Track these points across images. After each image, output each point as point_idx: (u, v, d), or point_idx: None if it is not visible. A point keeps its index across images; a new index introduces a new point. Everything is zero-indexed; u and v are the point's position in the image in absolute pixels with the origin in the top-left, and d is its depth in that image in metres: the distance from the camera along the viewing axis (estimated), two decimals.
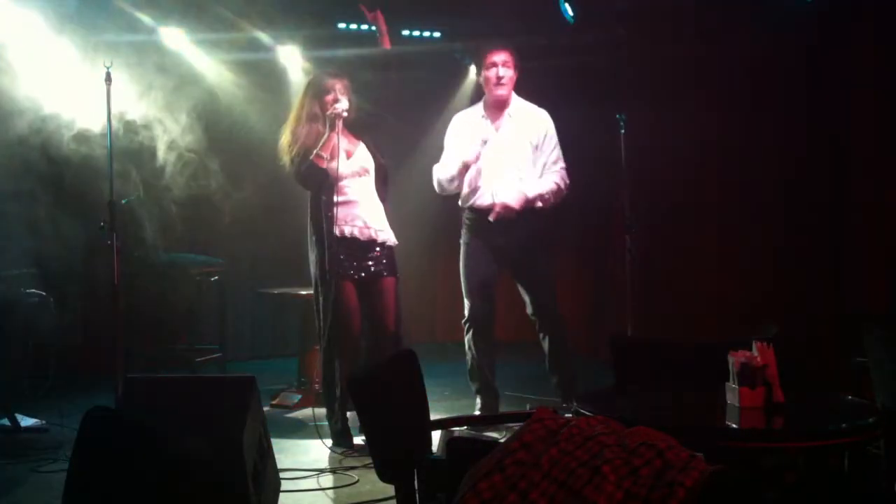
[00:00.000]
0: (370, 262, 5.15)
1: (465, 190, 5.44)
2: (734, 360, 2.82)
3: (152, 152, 6.83)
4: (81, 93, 6.02)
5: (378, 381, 2.95)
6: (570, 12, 7.03)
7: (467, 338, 5.47)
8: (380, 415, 2.85)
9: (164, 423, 3.44)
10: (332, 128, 5.01)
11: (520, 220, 5.34)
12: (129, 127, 6.68)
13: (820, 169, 6.54)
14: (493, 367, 5.48)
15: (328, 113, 5.03)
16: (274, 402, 6.02)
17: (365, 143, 5.25)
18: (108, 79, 5.14)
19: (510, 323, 6.58)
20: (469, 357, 5.47)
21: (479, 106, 5.56)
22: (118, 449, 3.08)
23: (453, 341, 7.10)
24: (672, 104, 6.86)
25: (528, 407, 5.19)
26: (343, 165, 5.09)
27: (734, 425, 2.75)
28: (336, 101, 5.06)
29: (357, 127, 5.24)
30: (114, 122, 5.36)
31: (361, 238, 5.12)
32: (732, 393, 2.83)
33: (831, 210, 6.49)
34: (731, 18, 6.69)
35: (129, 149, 6.56)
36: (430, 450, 3.14)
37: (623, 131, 5.91)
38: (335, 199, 5.07)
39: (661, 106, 6.81)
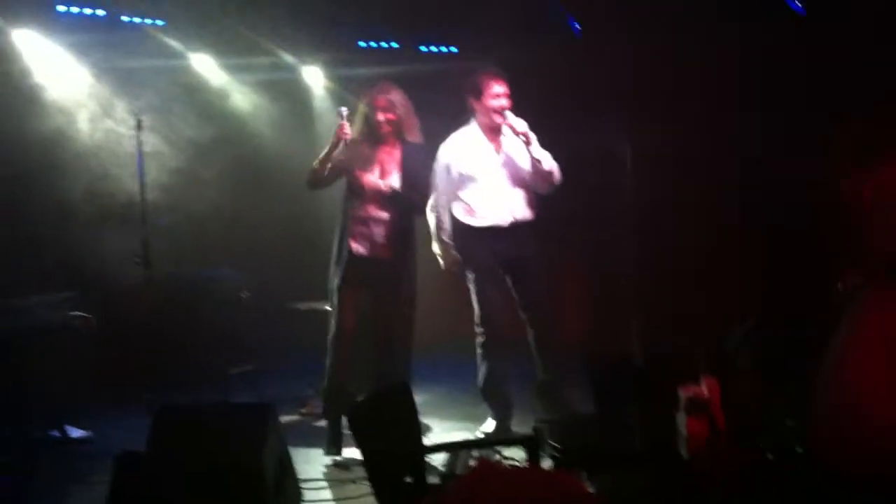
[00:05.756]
0: (375, 282, 5.38)
1: (471, 209, 5.68)
2: (683, 394, 3.18)
3: (184, 174, 7.28)
4: (112, 129, 6.48)
5: (373, 413, 3.33)
6: (578, 25, 7.34)
7: (485, 357, 5.66)
8: (375, 446, 3.23)
9: (192, 451, 3.89)
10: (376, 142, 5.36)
11: (525, 229, 5.71)
12: (159, 149, 7.10)
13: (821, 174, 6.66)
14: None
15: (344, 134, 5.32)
16: (303, 411, 6.37)
17: (409, 161, 5.43)
18: (140, 126, 5.49)
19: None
20: (486, 375, 5.67)
21: (473, 129, 5.72)
22: (146, 488, 3.51)
23: None
24: (677, 114, 7.02)
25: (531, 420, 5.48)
26: (366, 178, 5.37)
27: (684, 452, 3.11)
28: (377, 119, 5.35)
29: (409, 142, 5.46)
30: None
31: (369, 256, 5.37)
32: (682, 422, 3.19)
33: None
34: (733, 27, 6.85)
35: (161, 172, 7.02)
36: (424, 476, 3.49)
37: (630, 145, 6.17)
38: (357, 213, 5.38)
39: (666, 116, 6.99)
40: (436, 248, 5.77)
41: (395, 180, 5.42)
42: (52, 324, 5.77)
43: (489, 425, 5.73)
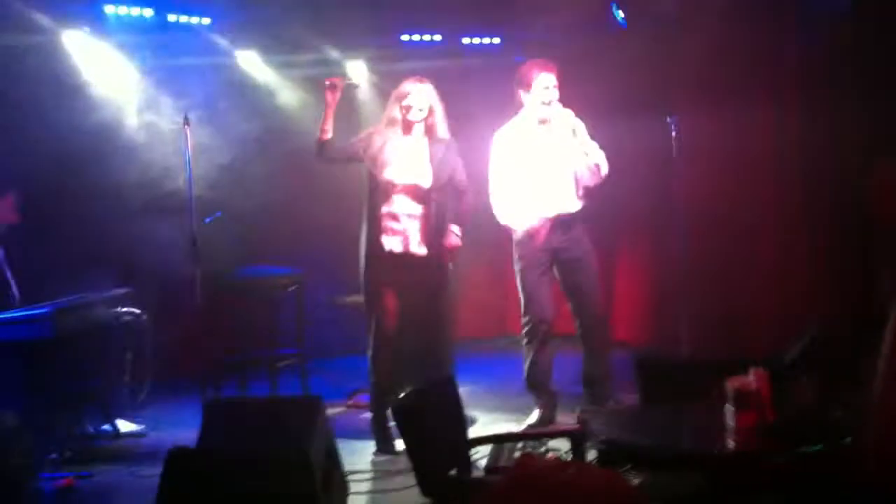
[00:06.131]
0: (411, 278, 5.35)
1: (519, 201, 5.66)
2: (731, 386, 3.16)
3: (231, 170, 7.35)
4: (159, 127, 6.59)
5: (418, 407, 3.35)
6: (622, 16, 7.29)
7: (530, 347, 5.69)
8: (420, 439, 3.25)
9: (241, 443, 3.95)
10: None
11: (573, 219, 5.70)
12: (207, 146, 7.17)
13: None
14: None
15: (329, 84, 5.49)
16: (349, 403, 6.46)
17: (438, 156, 5.41)
18: (187, 122, 5.59)
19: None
20: (531, 365, 5.70)
21: (522, 120, 5.72)
22: (198, 484, 3.58)
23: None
24: (723, 105, 6.94)
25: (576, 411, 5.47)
26: (397, 175, 5.36)
27: (731, 444, 3.09)
28: (409, 105, 5.34)
29: (437, 137, 5.45)
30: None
31: (401, 252, 5.35)
32: (729, 414, 3.18)
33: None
34: (783, 17, 6.75)
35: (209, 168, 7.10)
36: (468, 468, 3.52)
37: (675, 133, 6.10)
38: (383, 209, 5.35)
39: (711, 108, 6.91)
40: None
41: (425, 174, 5.41)
42: (105, 320, 5.87)
43: (534, 417, 5.74)
